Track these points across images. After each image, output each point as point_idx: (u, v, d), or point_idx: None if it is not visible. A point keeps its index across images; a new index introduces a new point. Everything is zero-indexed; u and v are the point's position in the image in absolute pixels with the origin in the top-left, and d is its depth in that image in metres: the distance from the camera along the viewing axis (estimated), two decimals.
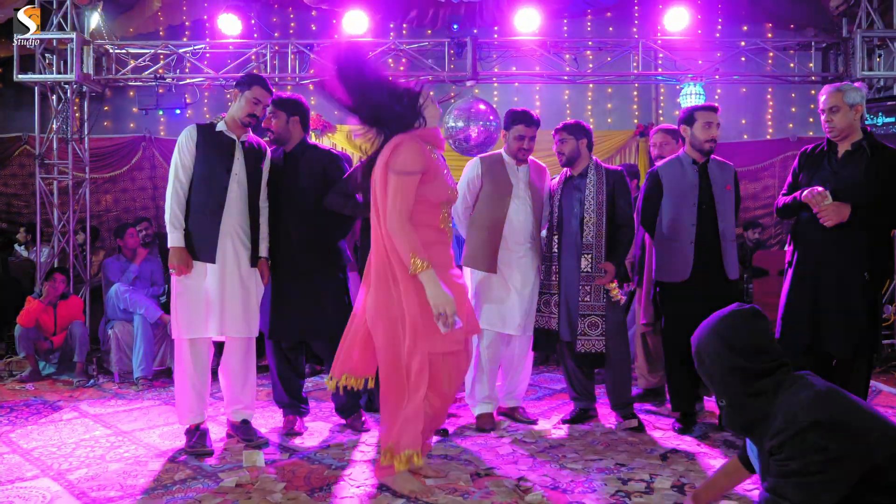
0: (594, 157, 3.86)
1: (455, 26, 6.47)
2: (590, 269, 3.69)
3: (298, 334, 3.68)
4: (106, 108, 6.84)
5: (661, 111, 8.62)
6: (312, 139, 4.17)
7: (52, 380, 5.41)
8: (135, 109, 8.15)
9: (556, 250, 3.78)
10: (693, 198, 3.63)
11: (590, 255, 3.70)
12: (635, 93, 8.68)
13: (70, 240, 6.51)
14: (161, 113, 7.27)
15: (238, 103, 3.45)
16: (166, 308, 5.41)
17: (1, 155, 8.34)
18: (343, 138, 8.11)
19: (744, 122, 8.58)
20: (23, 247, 7.17)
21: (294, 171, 3.59)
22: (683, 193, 3.66)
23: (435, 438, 3.34)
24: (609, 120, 8.62)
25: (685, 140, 3.76)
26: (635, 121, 8.61)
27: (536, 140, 3.88)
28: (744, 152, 8.24)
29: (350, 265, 3.83)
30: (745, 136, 8.57)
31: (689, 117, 3.73)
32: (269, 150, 3.63)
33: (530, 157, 3.90)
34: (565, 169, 3.89)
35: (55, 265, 6.36)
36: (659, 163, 3.93)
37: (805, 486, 1.79)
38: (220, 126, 3.45)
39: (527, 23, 6.68)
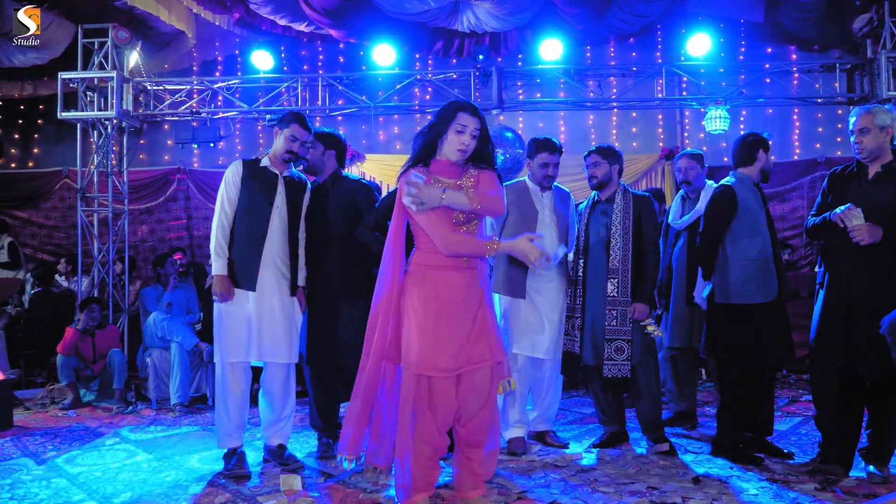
0: (622, 182, 3.89)
1: (480, 57, 6.60)
2: (616, 294, 3.70)
3: (333, 360, 3.75)
4: (141, 141, 7.09)
5: (686, 134, 8.69)
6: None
7: (92, 406, 5.56)
8: (170, 142, 8.45)
9: (581, 274, 3.81)
10: (762, 218, 3.60)
11: (616, 280, 3.70)
12: (660, 116, 8.74)
13: (109, 270, 6.74)
14: (196, 146, 7.48)
15: (278, 140, 3.59)
16: (202, 336, 5.61)
17: (42, 189, 8.68)
18: (372, 167, 8.27)
19: (770, 142, 8.54)
20: (63, 277, 7.40)
21: (324, 202, 3.73)
22: (756, 213, 3.60)
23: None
24: (634, 144, 8.69)
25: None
26: (660, 144, 8.67)
27: (560, 165, 3.92)
28: (771, 174, 8.23)
29: None
30: (773, 157, 8.45)
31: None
32: (308, 183, 3.75)
33: (554, 183, 3.96)
34: (593, 193, 3.92)
35: (94, 295, 6.60)
36: (703, 182, 4.07)
37: None
38: (265, 161, 3.60)
39: (550, 51, 6.84)
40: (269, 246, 3.52)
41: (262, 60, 7.07)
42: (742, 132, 8.22)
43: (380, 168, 8.20)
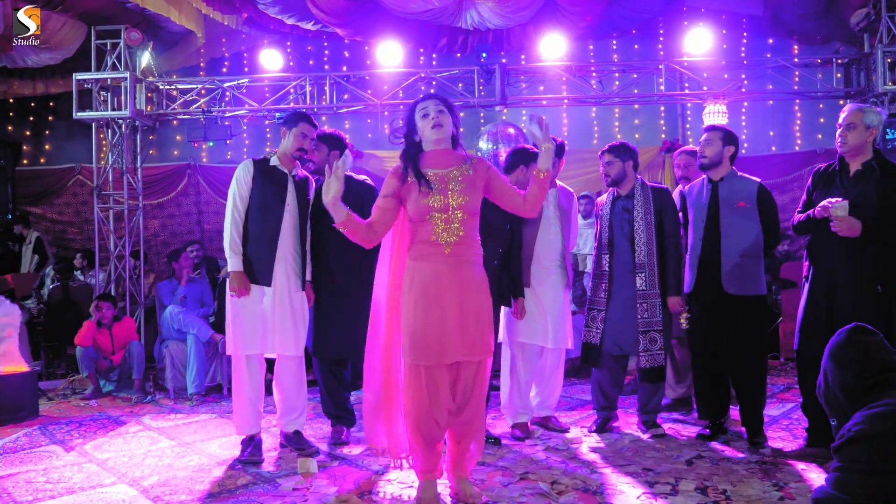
0: (639, 176, 3.97)
1: (483, 55, 6.68)
2: (645, 287, 3.83)
3: (338, 352, 3.92)
4: (151, 137, 7.27)
5: (688, 126, 8.73)
6: None
7: (112, 396, 5.79)
8: (178, 137, 8.64)
9: (606, 268, 3.93)
10: (702, 215, 3.80)
11: (643, 274, 3.83)
12: (662, 109, 8.79)
13: (126, 264, 6.97)
14: (209, 143, 7.70)
15: (287, 139, 3.69)
16: (216, 327, 5.81)
17: (55, 185, 8.89)
18: (377, 164, 8.36)
19: (772, 133, 8.67)
20: (79, 272, 7.63)
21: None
22: (697, 210, 3.86)
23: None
24: (637, 136, 8.70)
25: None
26: (662, 136, 8.74)
27: (565, 161, 4.10)
28: (772, 165, 8.32)
29: None
30: (774, 149, 8.65)
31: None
32: (314, 181, 3.85)
33: (559, 183, 4.13)
34: (611, 190, 4.02)
35: (111, 290, 6.85)
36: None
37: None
38: (274, 161, 3.69)
39: (553, 48, 6.92)
40: (282, 243, 3.63)
41: (271, 59, 7.15)
42: (744, 124, 8.45)
43: (387, 164, 8.27)
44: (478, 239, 2.96)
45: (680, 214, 3.99)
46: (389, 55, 7.01)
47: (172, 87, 7.23)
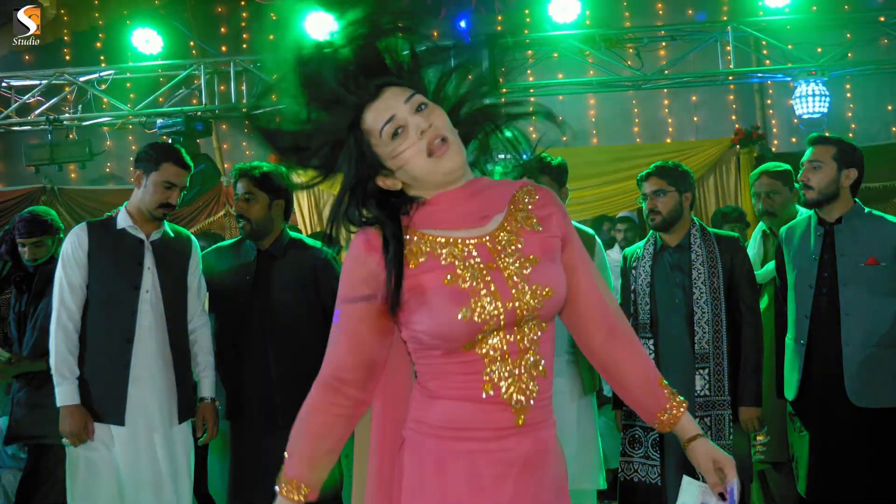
0: (696, 219, 3.64)
1: (462, 23, 6.18)
2: (709, 392, 3.50)
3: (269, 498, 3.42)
4: None
5: (770, 112, 8.23)
6: None
7: None
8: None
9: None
10: None
11: (706, 370, 3.52)
12: (732, 85, 8.19)
13: None
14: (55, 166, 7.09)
15: (144, 189, 3.34)
16: None
17: None
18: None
19: (889, 108, 8.18)
20: None
21: (270, 279, 3.53)
22: None
23: None
24: (695, 119, 8.20)
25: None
26: (734, 121, 8.12)
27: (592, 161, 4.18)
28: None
29: None
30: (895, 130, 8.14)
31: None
32: (194, 241, 3.55)
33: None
34: (651, 236, 3.63)
35: None
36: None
37: None
38: (122, 221, 3.32)
39: (569, 8, 6.67)
40: (141, 352, 3.31)
41: (150, 43, 6.81)
42: (851, 106, 8.07)
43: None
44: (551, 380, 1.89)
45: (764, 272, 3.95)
46: (320, 23, 6.30)
47: (4, 84, 6.85)
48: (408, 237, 1.69)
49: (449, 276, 1.67)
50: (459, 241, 1.72)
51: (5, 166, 8.24)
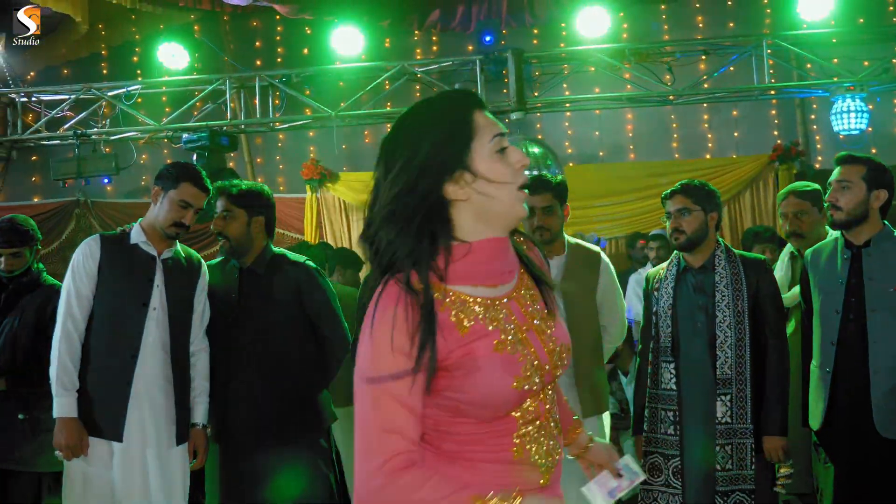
0: (721, 240, 3.60)
1: (488, 38, 6.26)
2: (730, 419, 3.44)
3: None
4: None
5: (815, 128, 8.13)
6: (309, 191, 4.08)
7: None
8: (35, 179, 8.17)
9: (674, 388, 3.56)
10: None
11: (728, 396, 3.46)
12: (773, 100, 8.13)
13: None
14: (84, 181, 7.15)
15: (160, 206, 3.35)
16: None
17: None
18: (345, 188, 7.87)
19: None
20: None
21: (254, 296, 3.50)
22: None
23: None
24: (735, 134, 8.12)
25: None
26: (776, 137, 8.00)
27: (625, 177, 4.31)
28: None
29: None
30: None
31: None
32: (203, 265, 3.53)
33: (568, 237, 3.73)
34: (675, 256, 3.60)
35: None
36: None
37: None
38: (136, 236, 3.33)
39: (595, 24, 6.60)
40: (144, 370, 3.30)
41: (177, 59, 6.86)
42: None
43: (346, 192, 7.86)
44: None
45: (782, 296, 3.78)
46: (348, 43, 6.59)
47: (35, 98, 6.84)
48: (439, 296, 1.54)
49: (496, 342, 1.56)
50: (497, 302, 1.61)
51: (41, 179, 8.33)
